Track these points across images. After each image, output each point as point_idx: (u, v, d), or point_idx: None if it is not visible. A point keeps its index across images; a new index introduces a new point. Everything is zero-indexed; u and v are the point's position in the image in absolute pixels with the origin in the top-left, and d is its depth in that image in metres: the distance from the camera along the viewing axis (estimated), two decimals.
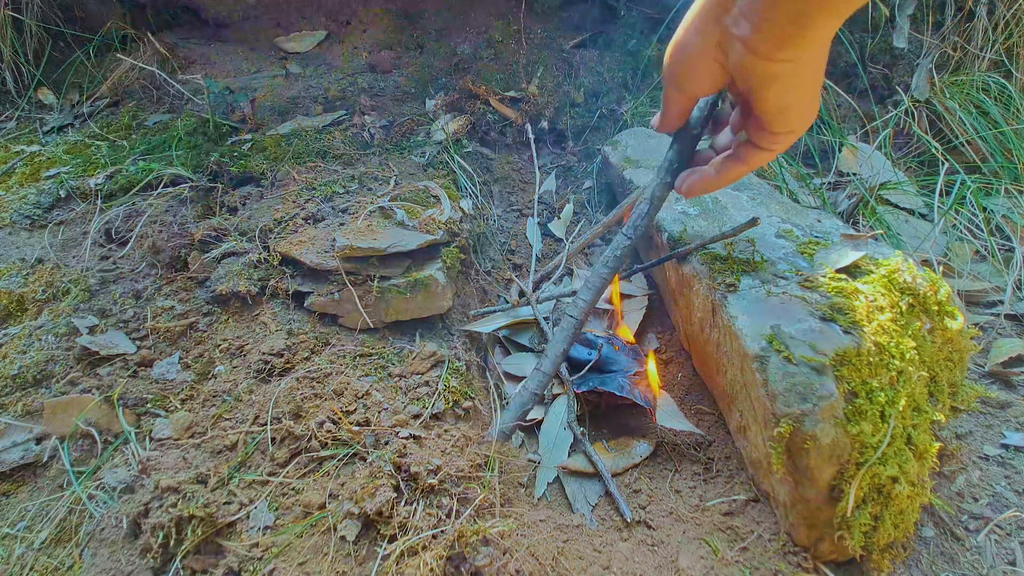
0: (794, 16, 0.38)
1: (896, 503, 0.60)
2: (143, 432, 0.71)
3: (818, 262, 0.72)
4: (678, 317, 0.89)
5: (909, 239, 1.05)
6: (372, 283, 0.83)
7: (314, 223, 0.91)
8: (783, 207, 0.87)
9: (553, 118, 1.31)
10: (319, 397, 0.72)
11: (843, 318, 0.63)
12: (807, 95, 0.44)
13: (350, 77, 1.40)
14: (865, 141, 1.27)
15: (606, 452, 0.78)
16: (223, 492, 0.63)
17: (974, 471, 0.74)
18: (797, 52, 0.40)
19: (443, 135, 1.20)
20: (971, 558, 0.66)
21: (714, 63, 0.44)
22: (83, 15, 1.45)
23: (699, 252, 0.78)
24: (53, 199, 1.02)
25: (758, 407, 0.63)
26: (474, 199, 1.10)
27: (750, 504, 0.70)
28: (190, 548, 0.58)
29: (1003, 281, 0.98)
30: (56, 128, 1.28)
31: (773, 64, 0.41)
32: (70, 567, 0.60)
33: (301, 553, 0.58)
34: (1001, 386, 0.86)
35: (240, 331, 0.83)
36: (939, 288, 0.67)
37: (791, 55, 0.40)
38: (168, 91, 1.34)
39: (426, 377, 0.78)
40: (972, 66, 1.29)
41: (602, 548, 0.66)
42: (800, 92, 0.44)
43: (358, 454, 0.66)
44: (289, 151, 1.09)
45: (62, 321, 0.80)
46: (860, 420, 0.57)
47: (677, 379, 0.87)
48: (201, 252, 0.88)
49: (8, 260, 0.90)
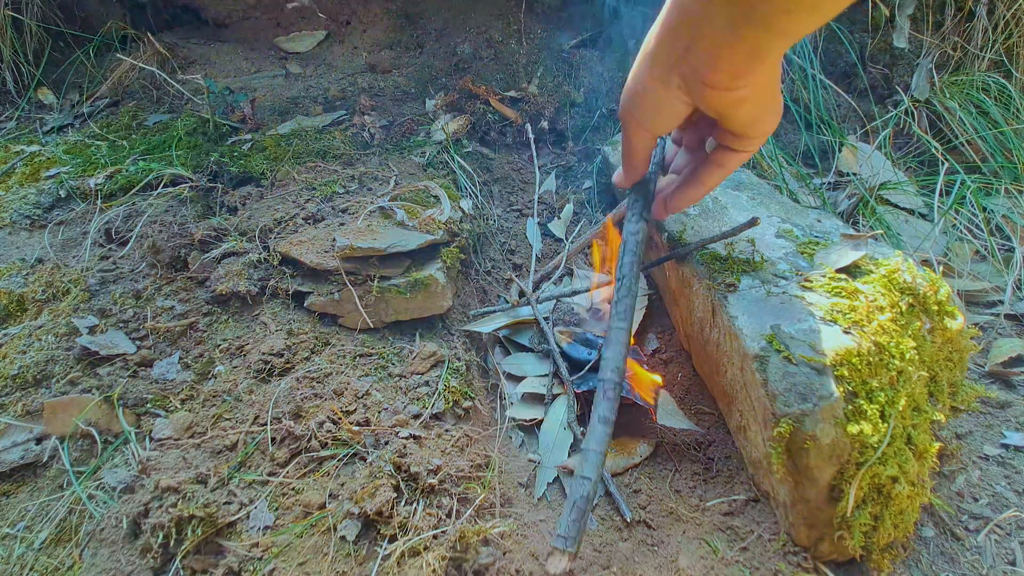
0: (752, 51, 0.39)
1: (896, 503, 0.60)
2: (143, 432, 0.71)
3: (818, 262, 0.72)
4: (678, 317, 0.89)
5: (909, 239, 1.05)
6: (372, 283, 0.83)
7: (314, 223, 0.91)
8: (783, 207, 0.87)
9: (553, 118, 1.31)
10: (319, 397, 0.72)
11: (843, 318, 0.63)
12: (772, 101, 0.46)
13: (350, 77, 1.40)
14: (865, 141, 1.27)
15: (606, 452, 0.77)
16: (223, 492, 0.63)
17: (974, 471, 0.74)
18: (757, 76, 0.42)
19: (443, 135, 1.20)
20: (971, 558, 0.66)
21: (676, 100, 0.45)
22: (83, 15, 1.45)
23: (699, 252, 0.78)
24: (53, 199, 1.02)
25: (758, 407, 0.63)
26: (474, 199, 1.10)
27: (750, 504, 0.71)
28: (190, 548, 0.58)
29: (1003, 281, 0.98)
30: (56, 128, 1.28)
31: (737, 92, 0.42)
32: (70, 567, 0.60)
33: (301, 553, 0.58)
34: (1001, 386, 0.86)
35: (240, 331, 0.83)
36: (939, 288, 0.67)
37: (752, 80, 0.42)
38: (168, 91, 1.34)
39: (426, 377, 0.78)
40: (972, 66, 1.29)
41: (602, 548, 0.66)
42: (765, 102, 0.45)
43: (358, 454, 0.66)
44: (289, 151, 1.09)
45: (62, 321, 0.80)
46: (860, 420, 0.57)
47: (677, 379, 0.87)
48: (201, 252, 0.88)
49: (8, 260, 0.90)
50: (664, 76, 0.44)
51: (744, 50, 0.39)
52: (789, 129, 1.31)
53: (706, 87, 0.42)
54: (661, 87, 0.44)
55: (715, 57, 0.40)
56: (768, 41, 0.38)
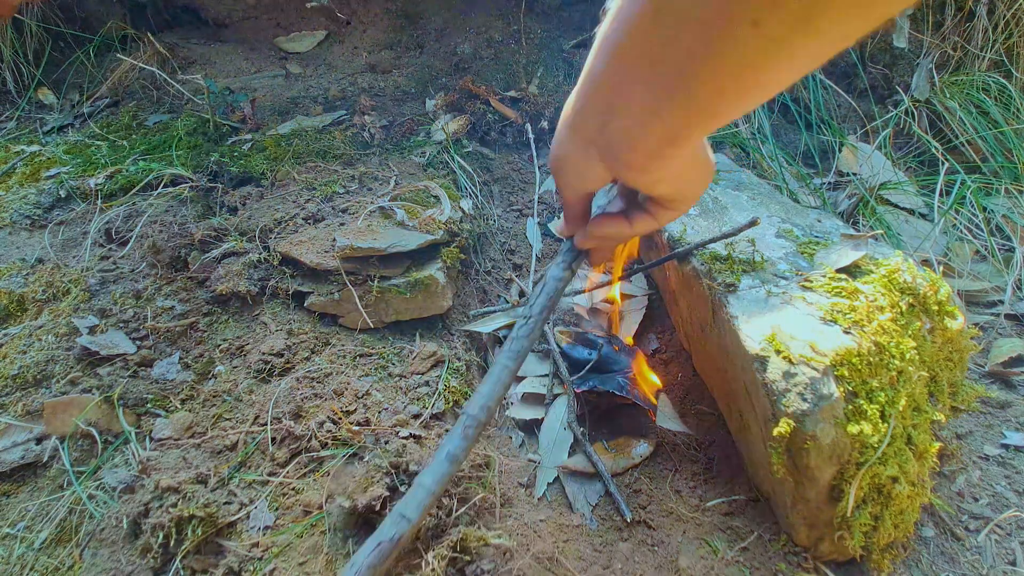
0: (670, 135, 0.35)
1: (896, 503, 0.60)
2: (143, 432, 0.71)
3: (818, 262, 0.72)
4: (678, 317, 0.89)
5: (909, 239, 1.05)
6: (372, 283, 0.83)
7: (314, 223, 0.91)
8: (783, 207, 0.87)
9: (553, 118, 1.31)
10: (319, 397, 0.72)
11: (843, 318, 0.63)
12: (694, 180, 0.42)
13: (350, 77, 1.40)
14: (865, 141, 1.27)
15: (606, 452, 0.78)
16: (223, 492, 0.63)
17: (974, 471, 0.74)
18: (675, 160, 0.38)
19: (443, 135, 1.20)
20: (971, 558, 0.66)
21: (598, 168, 0.42)
22: (83, 15, 1.45)
23: (699, 252, 0.78)
24: (53, 199, 1.02)
25: (758, 407, 0.63)
26: (474, 199, 1.10)
27: (750, 504, 0.70)
28: (190, 548, 0.58)
29: (1003, 281, 0.98)
30: (56, 128, 1.28)
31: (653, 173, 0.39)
32: (70, 567, 0.60)
33: (301, 553, 0.58)
34: (1001, 386, 0.86)
35: (240, 331, 0.83)
36: (939, 288, 0.67)
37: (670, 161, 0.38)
38: (168, 91, 1.34)
39: (426, 377, 0.78)
40: (972, 66, 1.29)
41: (602, 548, 0.66)
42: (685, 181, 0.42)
43: (358, 454, 0.66)
44: (289, 151, 1.09)
45: (62, 321, 0.80)
46: (860, 420, 0.57)
47: (677, 379, 0.87)
48: (201, 252, 0.88)
49: (8, 260, 0.90)
50: (583, 147, 0.41)
51: (662, 133, 0.35)
52: (789, 129, 1.31)
53: (621, 165, 0.39)
54: (581, 157, 0.41)
55: (630, 138, 0.36)
56: (689, 124, 0.34)
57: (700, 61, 0.30)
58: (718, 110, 0.33)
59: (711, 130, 0.37)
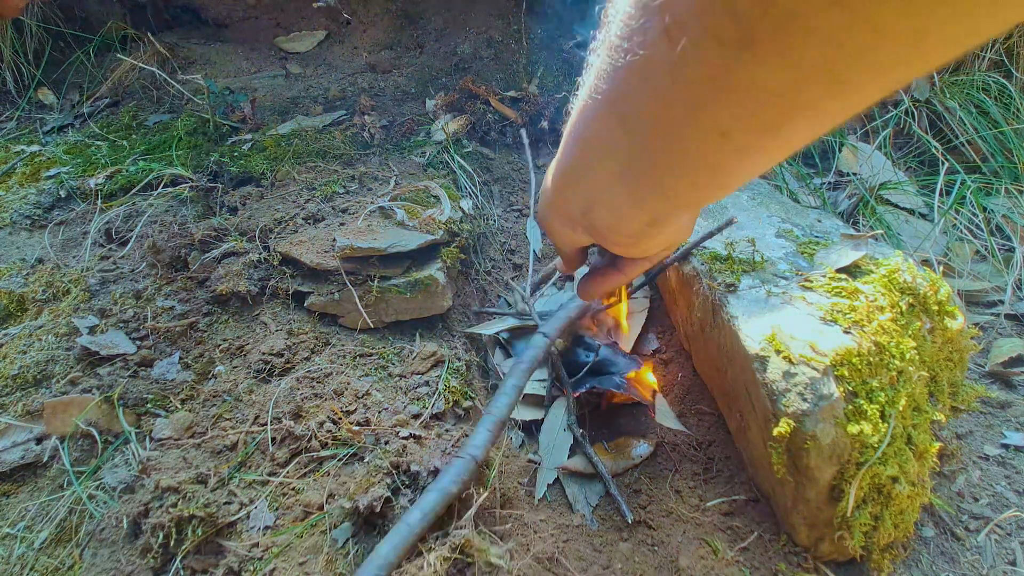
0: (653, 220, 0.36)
1: (896, 503, 0.60)
2: (143, 432, 0.71)
3: (818, 262, 0.72)
4: (678, 317, 0.89)
5: (909, 239, 1.05)
6: (372, 283, 0.83)
7: (314, 223, 0.91)
8: (783, 207, 0.87)
9: (553, 118, 1.31)
10: (319, 397, 0.72)
11: (843, 318, 0.63)
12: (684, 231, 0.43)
13: (350, 77, 1.40)
14: (865, 141, 1.27)
15: (606, 453, 0.78)
16: (223, 492, 0.63)
17: (974, 471, 0.74)
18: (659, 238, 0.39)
19: (443, 135, 1.20)
20: (971, 558, 0.66)
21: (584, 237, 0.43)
22: (83, 15, 1.45)
23: (698, 253, 0.78)
24: (53, 199, 1.02)
25: (758, 407, 0.63)
26: (474, 199, 1.10)
27: (750, 504, 0.70)
28: (190, 548, 0.58)
29: (1003, 281, 0.98)
30: (56, 128, 1.28)
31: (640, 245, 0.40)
32: (70, 567, 0.60)
33: (301, 553, 0.58)
34: (1001, 386, 0.86)
35: (240, 331, 0.83)
36: (939, 288, 0.67)
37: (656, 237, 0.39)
38: (168, 91, 1.34)
39: (426, 377, 0.78)
40: (972, 66, 1.29)
41: (602, 548, 0.66)
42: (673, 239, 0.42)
43: (358, 454, 0.66)
44: (289, 151, 1.09)
45: (62, 321, 0.80)
46: (860, 420, 0.57)
47: (677, 379, 0.87)
48: (201, 252, 0.88)
49: (8, 260, 0.90)
50: (568, 223, 0.42)
51: (645, 219, 0.36)
52: None
53: (608, 243, 0.40)
54: (568, 230, 0.42)
55: (616, 221, 0.37)
56: (675, 209, 0.35)
57: (673, 163, 0.30)
58: (699, 198, 0.34)
59: (688, 216, 0.39)
